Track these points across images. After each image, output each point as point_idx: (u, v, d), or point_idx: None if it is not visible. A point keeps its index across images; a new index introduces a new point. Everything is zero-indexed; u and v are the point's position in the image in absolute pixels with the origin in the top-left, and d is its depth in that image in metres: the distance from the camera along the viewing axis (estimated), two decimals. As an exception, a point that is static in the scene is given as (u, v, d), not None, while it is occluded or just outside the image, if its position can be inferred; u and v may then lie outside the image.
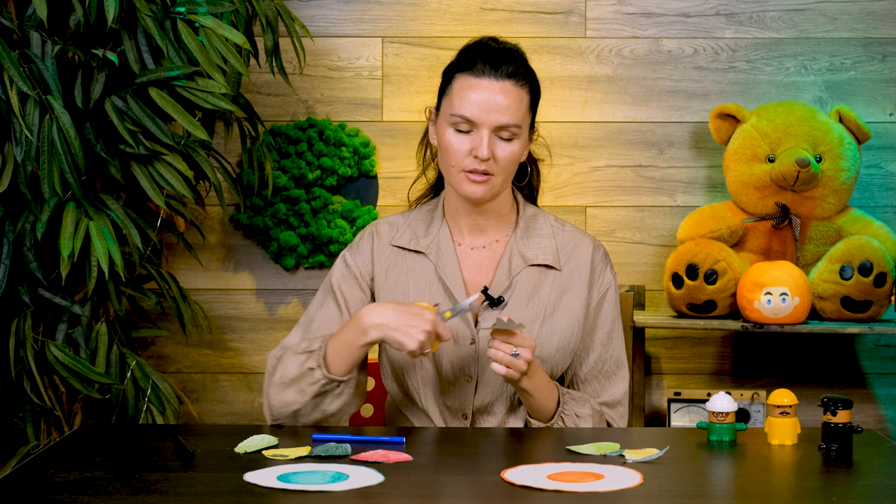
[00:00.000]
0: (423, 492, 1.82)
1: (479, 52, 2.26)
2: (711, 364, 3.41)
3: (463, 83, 2.24)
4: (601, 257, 2.36)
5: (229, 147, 3.32)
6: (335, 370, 2.19)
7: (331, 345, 2.20)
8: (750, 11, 3.37)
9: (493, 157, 2.22)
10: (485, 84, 2.23)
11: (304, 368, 2.19)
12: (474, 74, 2.24)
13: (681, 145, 3.39)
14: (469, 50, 2.28)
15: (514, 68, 2.25)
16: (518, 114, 2.24)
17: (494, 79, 2.23)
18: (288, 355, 2.23)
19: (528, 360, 2.13)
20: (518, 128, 2.24)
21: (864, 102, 3.35)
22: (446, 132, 2.25)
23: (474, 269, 2.33)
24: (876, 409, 3.39)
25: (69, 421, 2.96)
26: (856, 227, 3.21)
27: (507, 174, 2.27)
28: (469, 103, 2.22)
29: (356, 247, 2.38)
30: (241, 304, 3.41)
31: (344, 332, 2.19)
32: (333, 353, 2.19)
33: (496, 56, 2.25)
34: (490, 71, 2.23)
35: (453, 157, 2.24)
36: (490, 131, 2.22)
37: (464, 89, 2.23)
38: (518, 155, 2.26)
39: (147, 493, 1.76)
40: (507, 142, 2.24)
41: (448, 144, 2.24)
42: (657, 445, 2.02)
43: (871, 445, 2.08)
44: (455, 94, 2.24)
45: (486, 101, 2.22)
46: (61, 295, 2.84)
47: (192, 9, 2.81)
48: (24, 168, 2.69)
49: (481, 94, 2.22)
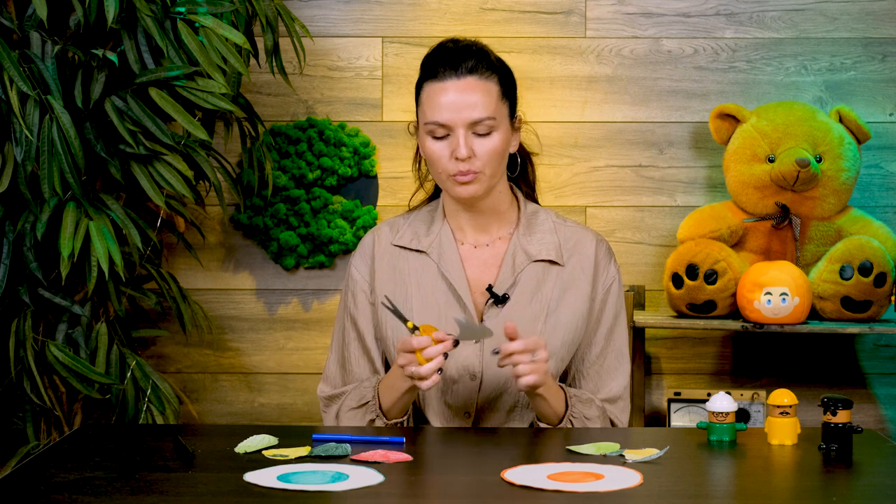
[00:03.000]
0: (423, 492, 1.82)
1: (439, 57, 2.29)
2: (711, 364, 3.41)
3: (429, 90, 2.27)
4: (605, 252, 2.36)
5: (229, 147, 3.32)
6: (394, 416, 2.26)
7: (383, 395, 2.26)
8: (750, 11, 3.37)
9: (474, 153, 2.24)
10: (449, 85, 2.25)
11: (366, 421, 2.28)
12: (438, 79, 2.26)
13: (681, 145, 3.39)
14: (429, 57, 2.31)
15: (475, 62, 2.27)
16: (489, 106, 2.25)
17: (456, 78, 2.25)
18: (344, 412, 2.31)
19: (545, 359, 2.14)
20: (492, 119, 2.25)
21: (864, 102, 3.35)
22: (426, 142, 2.28)
23: (478, 266, 2.34)
24: (876, 409, 3.39)
25: (69, 421, 2.96)
26: (856, 227, 3.21)
27: (494, 168, 2.27)
28: (438, 108, 2.25)
29: (359, 254, 2.40)
30: (241, 304, 3.41)
31: (391, 378, 2.25)
32: (387, 402, 2.26)
33: (454, 56, 2.27)
34: (451, 72, 2.26)
35: (437, 164, 2.27)
36: (465, 130, 2.24)
37: (431, 96, 2.26)
38: (500, 147, 2.27)
39: (147, 493, 1.76)
40: (485, 136, 2.25)
41: (430, 153, 2.27)
42: (657, 445, 2.02)
43: (871, 445, 2.08)
44: (425, 103, 2.28)
45: (453, 102, 2.24)
46: (61, 295, 2.84)
47: (192, 9, 2.81)
48: (24, 168, 2.69)
49: (447, 96, 2.24)
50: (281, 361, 3.41)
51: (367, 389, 2.29)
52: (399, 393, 2.22)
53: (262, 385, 3.41)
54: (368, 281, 2.36)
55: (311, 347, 3.41)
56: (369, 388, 2.29)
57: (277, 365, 3.41)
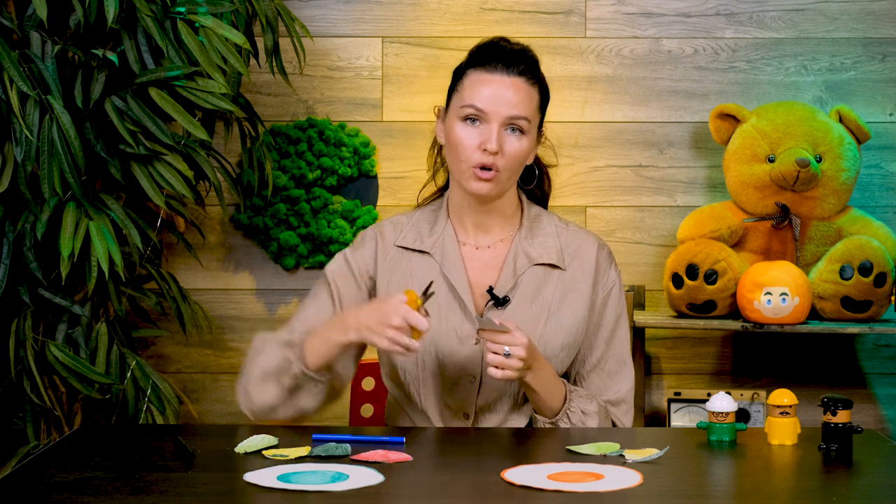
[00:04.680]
0: (423, 492, 1.82)
1: (492, 50, 2.29)
2: (711, 364, 3.41)
3: (475, 78, 2.27)
4: (605, 256, 2.36)
5: (229, 147, 3.32)
6: (310, 365, 2.19)
7: (310, 339, 2.20)
8: (750, 11, 3.37)
9: (502, 150, 2.23)
10: (497, 79, 2.26)
11: (282, 359, 2.20)
12: (486, 70, 2.27)
13: (681, 145, 3.39)
14: (481, 48, 2.32)
15: (526, 67, 2.29)
16: (529, 109, 2.26)
17: (506, 74, 2.26)
18: (269, 344, 2.25)
19: (521, 357, 2.12)
20: (528, 122, 2.25)
21: (864, 102, 3.35)
22: (455, 126, 2.26)
23: (479, 268, 2.33)
24: (876, 409, 3.39)
25: (69, 421, 2.96)
26: (856, 227, 3.21)
27: (513, 171, 2.27)
28: (481, 94, 2.25)
29: (358, 245, 2.38)
30: (241, 304, 3.41)
31: (326, 328, 2.20)
32: (311, 348, 2.19)
33: (509, 55, 2.28)
34: (502, 67, 2.26)
35: (462, 151, 2.25)
36: (500, 125, 2.23)
37: (475, 83, 2.26)
38: (525, 152, 2.27)
39: (147, 493, 1.76)
40: (516, 137, 2.25)
41: (457, 139, 2.25)
42: (657, 445, 2.02)
43: (871, 445, 2.08)
44: (466, 89, 2.27)
45: (497, 94, 2.24)
46: (61, 295, 2.84)
47: (192, 9, 2.81)
48: (24, 168, 2.69)
49: (492, 88, 2.25)
50: (281, 361, 3.41)
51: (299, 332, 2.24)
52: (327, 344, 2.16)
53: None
54: (369, 272, 2.35)
55: (311, 347, 3.40)
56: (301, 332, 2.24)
57: (277, 365, 3.41)
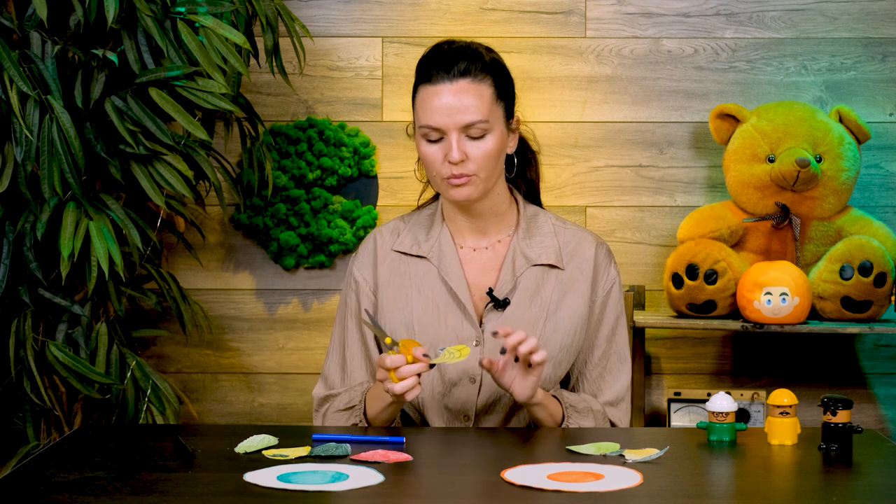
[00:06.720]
0: (423, 492, 1.82)
1: (432, 60, 2.28)
2: (711, 364, 3.41)
3: (423, 94, 2.27)
4: (604, 254, 2.36)
5: (229, 147, 3.32)
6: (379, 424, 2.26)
7: (369, 402, 2.27)
8: (750, 11, 3.37)
9: (467, 157, 2.23)
10: (441, 89, 2.24)
11: (350, 424, 2.28)
12: (431, 83, 2.25)
13: (681, 145, 3.39)
14: (424, 60, 2.31)
15: (467, 65, 2.25)
16: (481, 109, 2.24)
17: (449, 81, 2.24)
18: (331, 412, 2.31)
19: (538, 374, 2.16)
20: (485, 122, 2.24)
21: (864, 102, 3.35)
22: (421, 145, 2.28)
23: (477, 270, 2.33)
24: (876, 409, 3.39)
25: (69, 421, 2.96)
26: (856, 227, 3.21)
27: (489, 170, 2.26)
28: (431, 111, 2.24)
29: (360, 256, 2.39)
30: (241, 304, 3.41)
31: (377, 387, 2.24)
32: (373, 411, 2.26)
33: (447, 59, 2.26)
34: (444, 75, 2.25)
35: (431, 167, 2.27)
36: (457, 133, 2.23)
37: (425, 100, 2.26)
38: (494, 149, 2.26)
39: (147, 493, 1.76)
40: (478, 139, 2.24)
41: (424, 156, 2.27)
42: (657, 445, 2.02)
43: (871, 445, 2.08)
44: (419, 107, 2.27)
45: (446, 105, 2.23)
46: (61, 295, 2.84)
47: (192, 9, 2.81)
48: (24, 168, 2.69)
49: (440, 100, 2.24)
50: (281, 361, 3.41)
51: (357, 394, 2.29)
52: (384, 403, 2.22)
53: (262, 385, 3.41)
54: (371, 284, 2.36)
55: (311, 347, 3.41)
56: (358, 393, 2.29)
57: (277, 365, 3.41)
